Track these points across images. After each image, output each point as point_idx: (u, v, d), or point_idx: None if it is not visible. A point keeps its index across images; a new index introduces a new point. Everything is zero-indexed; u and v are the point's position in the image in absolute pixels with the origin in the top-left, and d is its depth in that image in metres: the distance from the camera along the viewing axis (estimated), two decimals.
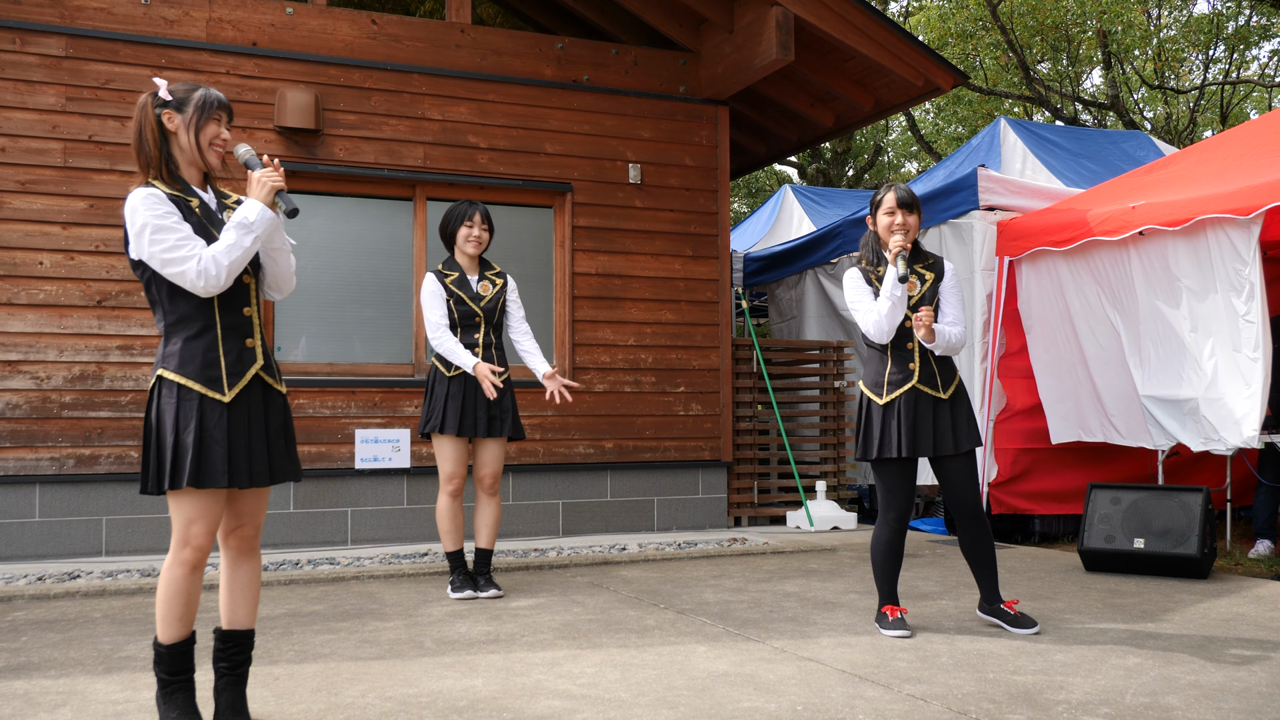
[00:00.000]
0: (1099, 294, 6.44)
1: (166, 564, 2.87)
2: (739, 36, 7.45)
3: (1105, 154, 8.53)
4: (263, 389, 2.96)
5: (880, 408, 4.22)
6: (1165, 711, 3.12)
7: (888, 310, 4.13)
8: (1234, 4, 16.65)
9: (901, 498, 4.26)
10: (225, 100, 2.96)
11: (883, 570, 4.28)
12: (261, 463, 2.91)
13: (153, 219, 2.77)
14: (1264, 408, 5.58)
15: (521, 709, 3.19)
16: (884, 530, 4.27)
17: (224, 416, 2.84)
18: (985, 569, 4.30)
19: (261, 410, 2.94)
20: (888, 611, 4.23)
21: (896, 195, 4.23)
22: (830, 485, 8.28)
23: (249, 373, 2.90)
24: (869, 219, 4.36)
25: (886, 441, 4.19)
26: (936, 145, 19.75)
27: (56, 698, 3.36)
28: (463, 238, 5.17)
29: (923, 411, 4.20)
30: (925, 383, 4.22)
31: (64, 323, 6.39)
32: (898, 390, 4.21)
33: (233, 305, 2.91)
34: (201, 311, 2.86)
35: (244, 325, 2.93)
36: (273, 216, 2.88)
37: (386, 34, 7.18)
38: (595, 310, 7.57)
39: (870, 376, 4.30)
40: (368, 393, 6.99)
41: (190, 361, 2.83)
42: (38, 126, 6.40)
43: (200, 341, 2.85)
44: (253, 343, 2.93)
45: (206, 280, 2.78)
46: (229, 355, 2.87)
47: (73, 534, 6.36)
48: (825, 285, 9.03)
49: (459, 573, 5.14)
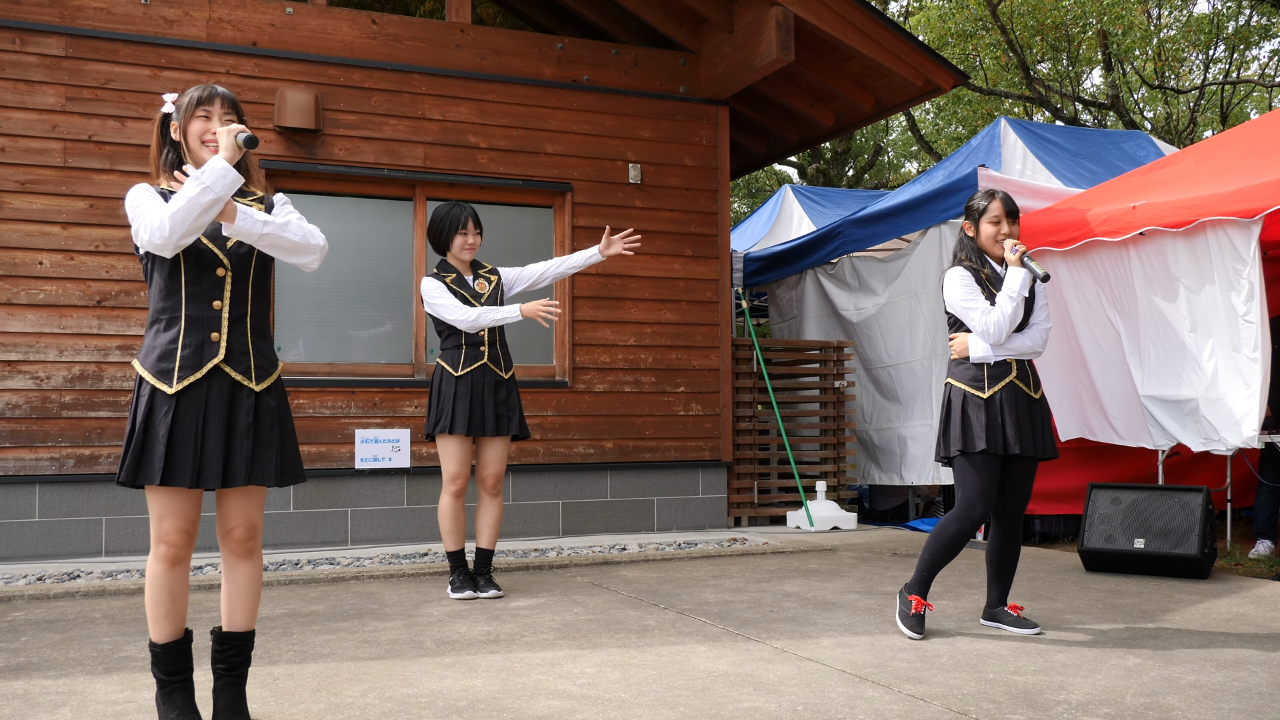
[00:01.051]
0: (1099, 294, 6.44)
1: (148, 562, 2.89)
2: (739, 36, 7.45)
3: (1105, 154, 8.53)
4: (230, 386, 2.87)
5: (983, 402, 4.13)
6: (1165, 711, 3.12)
7: (1011, 311, 4.08)
8: (1234, 4, 16.65)
9: (990, 497, 4.12)
10: (210, 93, 2.92)
11: (935, 563, 4.17)
12: (215, 463, 2.81)
13: (140, 198, 2.82)
14: (1264, 408, 5.57)
15: (521, 709, 3.19)
16: (955, 526, 4.12)
17: (170, 411, 2.79)
18: (1007, 572, 4.30)
19: (224, 407, 2.84)
20: (913, 602, 4.14)
21: (1004, 205, 4.21)
22: (830, 485, 8.28)
23: (206, 366, 2.83)
24: (965, 224, 4.31)
25: (993, 436, 4.09)
26: (936, 145, 19.75)
27: (56, 698, 3.35)
28: (458, 247, 5.17)
29: (1022, 409, 4.15)
30: (1021, 379, 4.19)
31: (64, 323, 6.39)
32: (999, 384, 4.14)
33: (201, 297, 2.86)
34: (172, 304, 2.85)
35: (211, 319, 2.86)
36: (226, 168, 2.69)
37: (386, 34, 7.18)
38: (595, 310, 7.57)
39: (966, 371, 4.21)
40: (368, 393, 6.99)
41: (151, 353, 2.84)
42: (38, 126, 6.40)
43: (166, 334, 2.85)
44: (218, 337, 2.86)
45: (151, 234, 2.71)
46: (186, 349, 2.83)
47: (72, 534, 6.36)
48: (825, 285, 9.02)
49: (459, 573, 5.14)
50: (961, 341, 4.24)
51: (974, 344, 4.20)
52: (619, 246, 5.26)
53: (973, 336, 4.21)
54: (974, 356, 4.20)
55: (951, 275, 4.26)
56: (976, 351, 4.20)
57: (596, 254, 5.30)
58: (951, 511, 4.18)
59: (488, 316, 5.03)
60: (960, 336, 4.26)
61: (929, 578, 4.20)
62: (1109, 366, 6.45)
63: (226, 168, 2.71)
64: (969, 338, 4.23)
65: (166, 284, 2.85)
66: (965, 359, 4.23)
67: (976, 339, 4.20)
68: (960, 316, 4.24)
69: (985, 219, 4.24)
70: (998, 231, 4.21)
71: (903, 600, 4.20)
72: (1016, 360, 4.20)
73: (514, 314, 5.02)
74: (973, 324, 4.18)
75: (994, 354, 4.18)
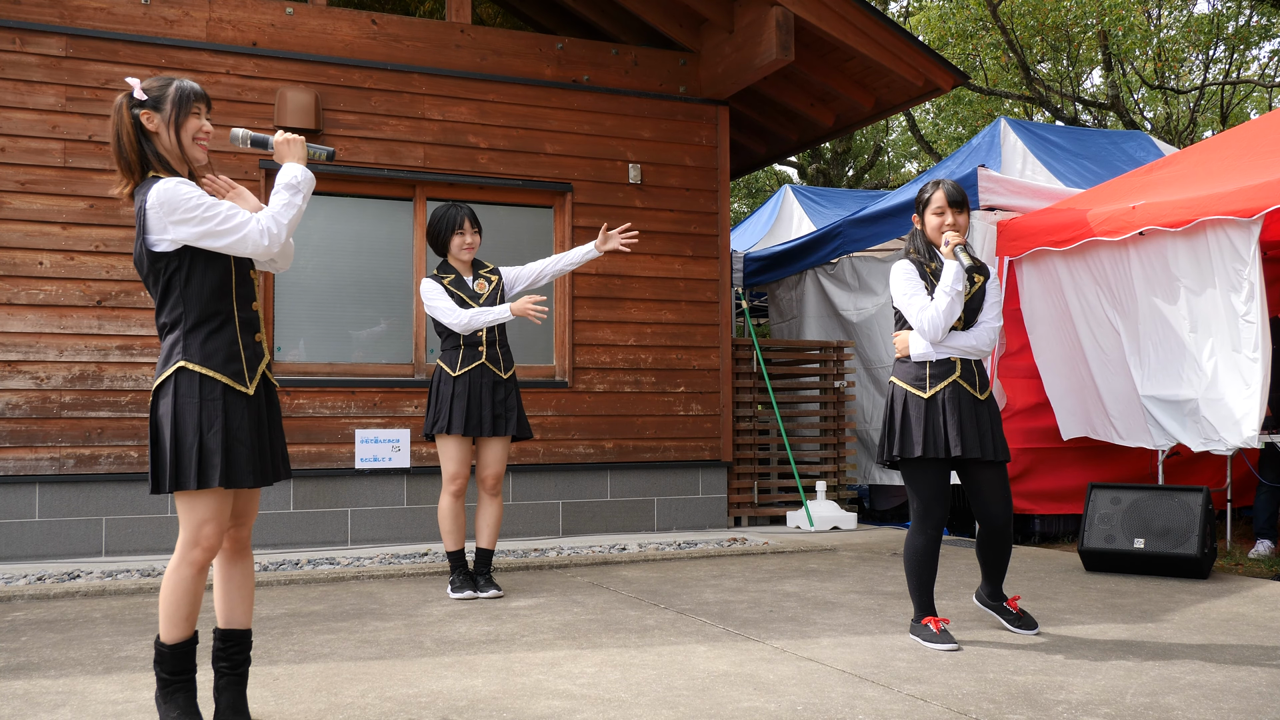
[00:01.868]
0: (1099, 294, 6.44)
1: (174, 564, 2.84)
2: (739, 36, 7.45)
3: (1105, 154, 8.53)
4: (266, 385, 2.99)
5: (923, 402, 3.96)
6: (1165, 711, 3.12)
7: (946, 306, 3.92)
8: (1234, 4, 16.65)
9: (943, 502, 4.01)
10: (201, 91, 2.93)
11: (920, 581, 4.04)
12: (270, 460, 2.94)
13: (197, 197, 2.77)
14: (1264, 408, 5.57)
15: (521, 709, 3.19)
16: (920, 538, 4.01)
17: (246, 413, 2.85)
18: (997, 572, 4.21)
19: (268, 406, 2.97)
20: (930, 624, 3.99)
21: (946, 194, 4.04)
22: (830, 485, 8.28)
23: (261, 367, 2.94)
24: (915, 217, 4.17)
25: (933, 439, 3.93)
26: (936, 145, 19.75)
27: (56, 698, 3.36)
28: (456, 247, 5.18)
29: (966, 410, 3.97)
30: (965, 379, 4.01)
31: (64, 323, 6.39)
32: (941, 384, 3.98)
33: (245, 299, 2.94)
34: (224, 306, 2.87)
35: (254, 320, 2.96)
36: (312, 176, 2.97)
37: (386, 34, 7.18)
38: (595, 310, 7.57)
39: (909, 370, 4.06)
40: (368, 393, 6.99)
41: (215, 354, 2.83)
42: (38, 126, 6.40)
43: (222, 335, 2.86)
44: (260, 337, 2.98)
45: (270, 239, 2.84)
46: (247, 349, 2.90)
47: (72, 534, 6.36)
48: (825, 285, 9.02)
49: (459, 573, 5.14)
50: (904, 339, 4.10)
51: (914, 341, 4.06)
52: (616, 242, 5.27)
53: (913, 333, 4.07)
54: (914, 354, 4.05)
55: (895, 269, 4.12)
56: (917, 349, 4.05)
57: (593, 250, 5.32)
58: (910, 525, 4.06)
59: (481, 318, 5.04)
60: (903, 333, 4.12)
61: (927, 596, 4.06)
62: (1109, 367, 6.45)
63: (308, 170, 2.98)
64: (910, 334, 4.08)
65: (219, 285, 2.86)
66: (908, 357, 4.09)
67: (917, 336, 4.05)
68: (901, 310, 4.09)
69: (930, 210, 4.09)
70: (941, 223, 4.05)
71: (919, 629, 4.04)
72: (961, 359, 4.03)
73: (505, 314, 5.05)
74: (911, 319, 4.04)
75: (935, 352, 4.02)
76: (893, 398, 4.08)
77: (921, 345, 4.04)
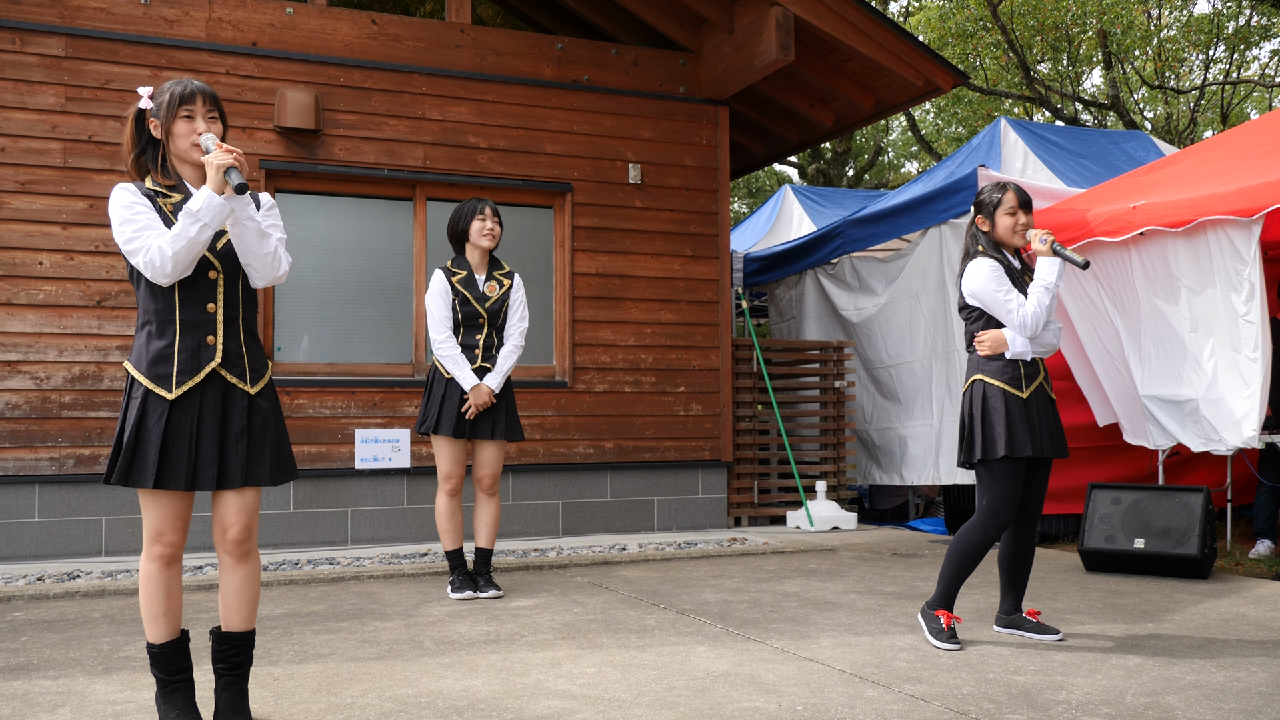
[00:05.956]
0: (1099, 294, 6.44)
1: (141, 562, 2.90)
2: (739, 36, 7.45)
3: (1105, 154, 8.52)
4: (225, 388, 2.88)
5: (1022, 402, 3.95)
6: (1165, 711, 3.12)
7: (1050, 302, 3.93)
8: (1234, 4, 16.65)
9: (1017, 502, 3.98)
10: (191, 91, 2.88)
11: (957, 573, 4.00)
12: (210, 466, 2.83)
13: (119, 209, 2.81)
14: (1264, 408, 5.57)
15: (521, 709, 3.19)
16: (977, 535, 3.96)
17: (164, 415, 2.80)
18: (1022, 577, 4.15)
19: (218, 410, 2.86)
20: (942, 616, 3.98)
21: (1018, 195, 4.06)
22: (830, 485, 8.28)
23: (204, 370, 2.84)
24: (978, 218, 4.13)
25: (1037, 437, 3.93)
26: (937, 145, 19.75)
27: (56, 698, 3.35)
28: (476, 231, 5.14)
29: (1047, 408, 4.01)
30: (1045, 379, 4.06)
31: (64, 323, 6.39)
32: (1034, 382, 3.99)
33: (195, 301, 2.87)
34: (166, 307, 2.85)
35: (206, 322, 2.87)
36: (221, 202, 2.74)
37: (386, 34, 7.18)
38: (595, 310, 7.57)
39: (1003, 369, 3.99)
40: (368, 393, 6.99)
41: (145, 356, 2.83)
42: (38, 126, 6.40)
43: (161, 338, 2.84)
44: (214, 340, 2.87)
45: (152, 271, 2.76)
46: (183, 352, 2.84)
47: (72, 534, 6.36)
48: (825, 285, 9.02)
49: (459, 573, 5.14)
50: (996, 336, 4.02)
51: (1012, 339, 4.01)
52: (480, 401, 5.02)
53: (1008, 331, 4.01)
54: (1012, 352, 4.00)
55: (980, 266, 4.03)
56: (1016, 347, 4.00)
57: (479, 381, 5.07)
58: (973, 520, 4.00)
59: (451, 357, 5.03)
60: (993, 331, 4.04)
61: (953, 591, 4.03)
62: (1111, 366, 6.45)
63: (220, 202, 2.74)
64: (1003, 332, 4.02)
65: (160, 286, 2.84)
66: (998, 355, 4.03)
67: (1014, 333, 4.01)
68: (991, 309, 4.02)
69: (1001, 211, 4.08)
70: (1015, 222, 4.06)
71: (929, 617, 4.02)
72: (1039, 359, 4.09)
73: (466, 383, 5.02)
74: (1008, 317, 3.99)
75: (1031, 350, 4.03)
76: (986, 396, 4.01)
77: (1020, 343, 4.01)
